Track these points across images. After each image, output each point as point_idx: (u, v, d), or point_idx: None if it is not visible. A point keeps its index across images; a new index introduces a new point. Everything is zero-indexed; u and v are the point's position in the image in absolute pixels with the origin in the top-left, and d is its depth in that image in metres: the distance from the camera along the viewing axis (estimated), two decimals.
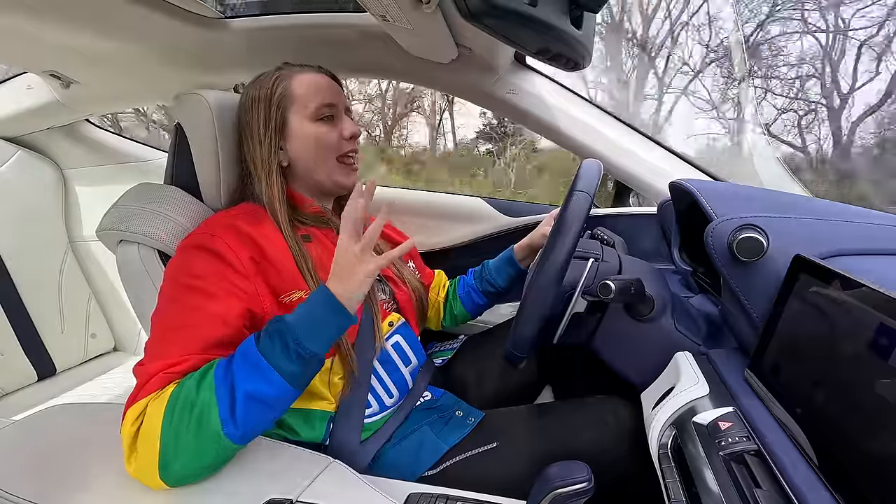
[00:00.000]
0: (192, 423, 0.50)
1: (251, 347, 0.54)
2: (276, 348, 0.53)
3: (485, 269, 1.00)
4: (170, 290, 0.62)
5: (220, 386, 0.52)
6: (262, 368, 0.53)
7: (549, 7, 0.55)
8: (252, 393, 0.52)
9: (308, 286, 0.68)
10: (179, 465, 0.51)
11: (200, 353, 0.56)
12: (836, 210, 0.59)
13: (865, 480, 0.36)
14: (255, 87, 0.75)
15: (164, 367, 0.54)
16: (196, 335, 0.57)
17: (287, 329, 0.54)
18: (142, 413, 0.52)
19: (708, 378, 0.58)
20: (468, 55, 0.95)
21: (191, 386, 0.52)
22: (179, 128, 0.78)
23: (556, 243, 0.60)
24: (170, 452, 0.50)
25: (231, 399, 0.51)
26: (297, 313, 0.56)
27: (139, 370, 0.56)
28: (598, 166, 0.68)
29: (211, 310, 0.59)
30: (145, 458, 0.51)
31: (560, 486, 0.50)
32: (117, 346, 1.57)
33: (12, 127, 1.36)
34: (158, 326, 0.59)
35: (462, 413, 0.78)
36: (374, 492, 0.55)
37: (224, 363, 0.55)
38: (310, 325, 0.55)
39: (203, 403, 0.51)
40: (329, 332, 0.57)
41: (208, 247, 0.63)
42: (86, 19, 0.85)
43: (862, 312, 0.40)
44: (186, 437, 0.50)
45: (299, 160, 0.75)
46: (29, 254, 1.36)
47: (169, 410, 0.51)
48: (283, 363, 0.53)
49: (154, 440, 0.50)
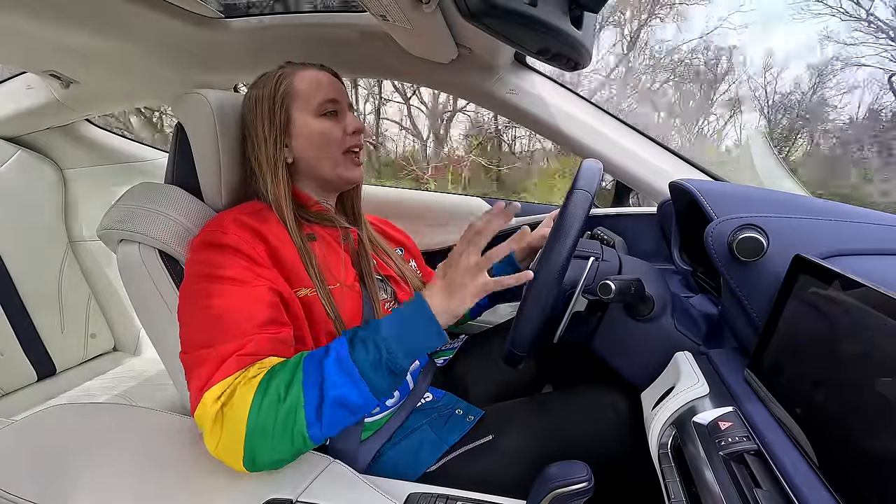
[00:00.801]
0: (280, 420, 0.52)
1: (345, 353, 0.55)
2: (368, 359, 0.54)
3: None
4: (199, 284, 0.61)
5: (309, 387, 0.53)
6: (353, 377, 0.54)
7: (549, 7, 0.55)
8: (341, 399, 0.53)
9: (312, 284, 0.68)
10: (261, 457, 0.52)
11: (258, 332, 0.57)
12: (836, 210, 0.59)
13: (865, 480, 0.36)
14: (257, 87, 0.75)
15: (236, 350, 0.54)
16: (245, 317, 0.57)
17: (382, 342, 0.55)
18: (224, 394, 0.52)
19: (708, 378, 0.58)
20: (468, 55, 0.95)
21: (280, 382, 0.53)
22: (180, 127, 0.78)
23: (556, 244, 0.60)
24: (255, 443, 0.51)
25: (319, 401, 0.53)
26: (392, 325, 0.56)
27: (195, 356, 0.56)
28: (598, 166, 0.68)
29: (249, 294, 0.60)
30: (230, 443, 0.52)
31: (560, 485, 0.50)
32: (117, 346, 1.57)
33: (12, 127, 1.36)
34: (200, 317, 0.59)
35: (462, 411, 0.78)
36: (373, 492, 0.55)
37: (314, 362, 0.55)
38: (404, 340, 0.56)
39: (291, 401, 0.52)
40: (420, 350, 0.57)
41: (223, 243, 0.64)
42: (84, 18, 0.85)
43: (862, 312, 0.40)
44: (272, 432, 0.51)
45: (304, 156, 0.75)
46: (29, 254, 1.36)
47: (257, 400, 0.52)
48: (374, 376, 0.54)
49: (240, 427, 0.51)
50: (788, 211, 0.58)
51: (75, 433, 0.65)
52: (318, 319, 0.68)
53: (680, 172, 1.06)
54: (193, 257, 0.65)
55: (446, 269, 0.59)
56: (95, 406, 0.73)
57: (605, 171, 0.82)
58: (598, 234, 1.03)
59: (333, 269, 0.73)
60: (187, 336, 0.59)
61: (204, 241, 0.65)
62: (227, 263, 0.62)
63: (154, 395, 1.24)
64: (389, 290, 0.84)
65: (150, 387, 1.28)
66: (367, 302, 0.75)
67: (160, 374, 1.33)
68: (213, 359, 0.55)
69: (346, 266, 0.76)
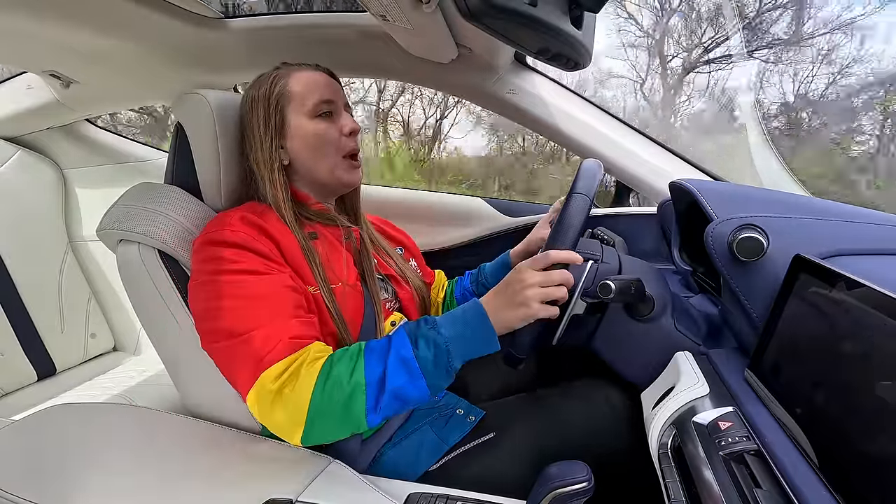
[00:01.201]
0: (341, 404, 0.55)
1: (408, 350, 0.58)
2: (429, 358, 0.57)
3: (481, 272, 1.01)
4: (219, 277, 0.62)
5: (371, 376, 0.56)
6: (414, 374, 0.57)
7: (549, 7, 0.55)
8: (399, 392, 0.57)
9: (316, 282, 0.69)
10: (318, 435, 0.57)
11: (293, 317, 0.60)
12: (836, 210, 0.59)
13: (865, 480, 0.36)
14: (254, 88, 0.75)
15: (280, 333, 0.58)
16: (277, 302, 0.61)
17: (444, 342, 0.58)
18: (286, 374, 0.56)
19: (708, 378, 0.58)
20: (468, 55, 0.95)
21: (342, 369, 0.56)
22: (180, 127, 0.78)
23: (556, 245, 0.60)
24: (315, 422, 0.56)
25: (379, 392, 0.56)
26: (453, 326, 0.60)
27: (233, 344, 0.58)
28: (598, 166, 0.67)
29: (272, 281, 0.62)
30: (290, 422, 0.56)
31: (560, 485, 0.50)
32: (117, 346, 1.57)
33: (12, 127, 1.36)
34: (228, 307, 0.60)
35: (463, 411, 0.78)
36: (373, 492, 0.55)
37: (375, 354, 0.58)
38: (463, 344, 0.59)
39: (353, 388, 0.55)
40: (475, 354, 0.60)
41: (231, 241, 0.64)
42: (85, 18, 0.85)
43: (862, 312, 0.40)
44: (333, 414, 0.56)
45: (300, 158, 0.75)
46: (29, 254, 1.36)
47: (319, 383, 0.55)
48: (433, 374, 0.58)
49: (303, 407, 0.55)
50: (788, 211, 0.58)
51: (75, 433, 0.65)
52: (321, 318, 0.68)
53: (680, 172, 1.06)
54: (202, 254, 0.65)
55: (504, 286, 0.62)
56: (95, 406, 0.73)
57: (605, 171, 0.82)
58: (598, 234, 1.03)
59: (336, 268, 0.73)
60: (216, 326, 0.60)
61: (211, 239, 0.65)
62: (239, 258, 0.63)
63: (154, 395, 1.24)
64: (391, 289, 0.84)
65: (150, 387, 1.28)
66: (368, 301, 0.75)
67: (160, 374, 1.33)
68: (259, 342, 0.57)
69: (347, 265, 0.76)
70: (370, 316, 0.74)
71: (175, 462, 0.60)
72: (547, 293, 0.59)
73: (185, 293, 0.69)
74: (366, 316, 0.73)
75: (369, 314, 0.74)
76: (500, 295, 0.61)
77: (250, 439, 0.67)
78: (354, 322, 0.71)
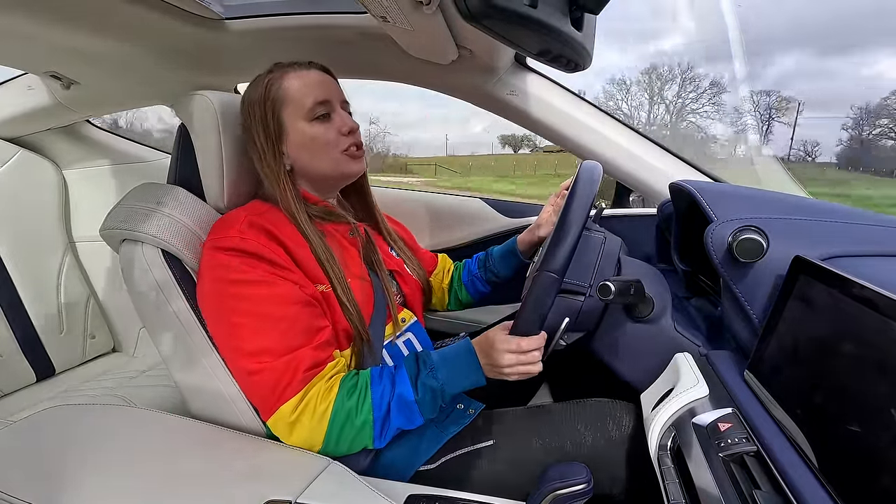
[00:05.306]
0: (352, 432, 0.64)
1: (410, 394, 0.65)
2: (427, 401, 0.65)
3: (489, 257, 1.03)
4: (230, 289, 0.64)
5: (377, 413, 0.64)
6: (413, 413, 0.66)
7: (549, 8, 0.55)
8: (401, 426, 0.67)
9: (328, 280, 0.69)
10: (334, 448, 0.65)
11: (305, 343, 0.64)
12: (835, 211, 0.59)
13: (865, 482, 0.36)
14: (250, 91, 0.75)
15: (295, 364, 0.62)
16: (290, 328, 0.64)
17: (440, 387, 0.66)
18: (301, 407, 0.62)
19: (707, 379, 0.58)
20: (468, 56, 0.95)
21: (352, 406, 0.63)
22: (183, 128, 0.78)
23: (556, 249, 0.60)
24: (330, 447, 0.64)
25: (384, 427, 0.65)
26: (447, 370, 0.67)
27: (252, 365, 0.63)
28: (598, 168, 0.67)
29: (284, 297, 0.64)
30: (307, 442, 0.64)
31: (559, 486, 0.50)
32: (116, 347, 1.56)
33: (12, 128, 1.36)
34: (246, 325, 0.63)
35: (463, 405, 0.78)
36: (373, 493, 0.55)
37: (379, 393, 0.65)
38: (455, 383, 0.67)
39: (362, 423, 0.64)
40: (463, 389, 0.68)
41: (240, 248, 0.65)
42: (85, 19, 0.85)
43: (861, 314, 0.40)
44: (345, 438, 0.64)
45: (301, 161, 0.75)
46: (29, 254, 1.36)
47: (335, 414, 0.63)
48: (429, 411, 0.67)
49: (318, 437, 0.63)
50: (788, 212, 0.59)
51: (74, 434, 0.65)
52: (334, 317, 0.69)
53: (680, 173, 1.06)
54: (212, 261, 0.66)
55: (484, 340, 0.67)
56: (94, 407, 0.73)
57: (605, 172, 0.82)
58: (597, 206, 1.06)
59: (349, 264, 0.75)
60: (233, 344, 0.65)
61: (221, 245, 0.66)
62: (249, 268, 0.64)
63: (153, 396, 1.24)
64: (395, 284, 0.85)
65: (149, 388, 1.27)
66: (378, 289, 0.78)
67: (159, 376, 1.33)
68: (277, 374, 0.62)
69: (356, 259, 0.78)
70: (381, 301, 0.77)
71: (174, 463, 0.60)
72: (519, 370, 0.64)
73: (189, 293, 0.69)
74: (376, 303, 0.76)
75: (379, 300, 0.77)
76: (482, 354, 0.67)
77: (249, 440, 0.67)
78: (366, 311, 0.74)
